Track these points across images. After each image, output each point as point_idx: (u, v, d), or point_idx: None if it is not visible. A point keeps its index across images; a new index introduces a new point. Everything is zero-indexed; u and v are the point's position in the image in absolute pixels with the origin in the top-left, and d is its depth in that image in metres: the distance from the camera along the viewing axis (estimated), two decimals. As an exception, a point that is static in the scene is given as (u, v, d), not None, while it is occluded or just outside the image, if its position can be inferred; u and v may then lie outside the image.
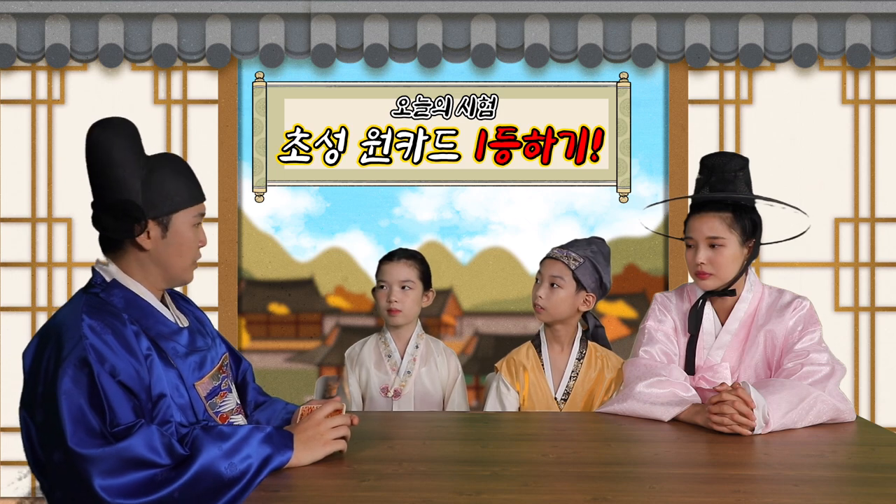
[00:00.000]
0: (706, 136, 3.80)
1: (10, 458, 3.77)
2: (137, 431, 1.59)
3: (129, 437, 1.58)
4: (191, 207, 1.81)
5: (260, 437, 1.67)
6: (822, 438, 2.01)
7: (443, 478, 1.63)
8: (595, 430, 2.08)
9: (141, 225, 1.75)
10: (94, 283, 1.79)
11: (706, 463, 1.76)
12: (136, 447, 1.57)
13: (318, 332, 3.83)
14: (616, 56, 3.65)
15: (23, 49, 3.63)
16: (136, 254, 1.79)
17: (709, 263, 2.27)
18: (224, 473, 1.60)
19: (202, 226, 1.87)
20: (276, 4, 3.63)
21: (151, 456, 1.58)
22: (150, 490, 1.56)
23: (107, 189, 1.76)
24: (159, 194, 1.77)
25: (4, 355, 3.77)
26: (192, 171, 1.86)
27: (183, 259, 1.82)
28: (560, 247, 2.58)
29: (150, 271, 1.80)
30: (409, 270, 2.63)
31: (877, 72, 3.79)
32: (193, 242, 1.83)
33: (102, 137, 1.75)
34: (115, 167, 1.75)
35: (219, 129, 3.77)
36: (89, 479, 1.54)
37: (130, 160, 1.76)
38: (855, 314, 3.81)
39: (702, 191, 2.33)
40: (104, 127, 1.76)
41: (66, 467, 1.56)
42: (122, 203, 1.74)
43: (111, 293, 1.77)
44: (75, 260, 3.80)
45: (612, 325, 3.81)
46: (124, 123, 1.79)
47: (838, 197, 3.82)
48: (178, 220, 1.80)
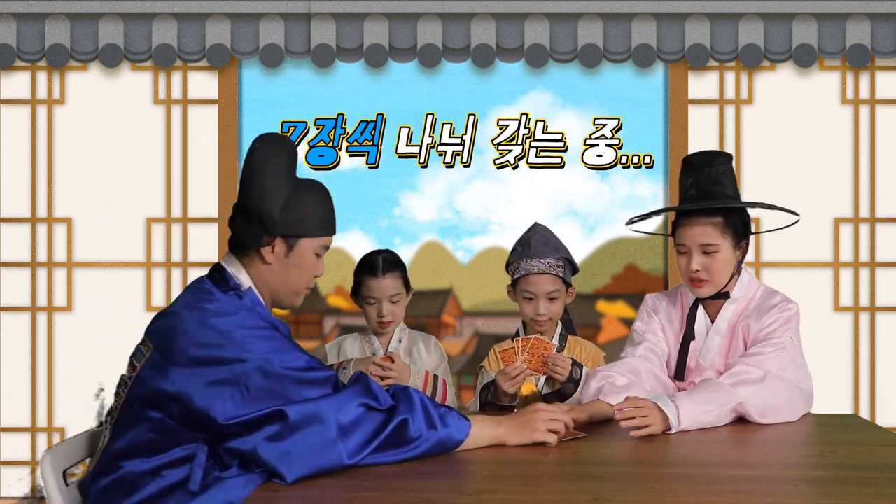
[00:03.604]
0: (706, 136, 3.80)
1: (10, 458, 3.77)
2: (357, 380, 1.75)
3: (350, 387, 1.73)
4: (320, 237, 1.89)
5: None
6: (822, 438, 2.02)
7: (443, 478, 1.63)
8: (595, 430, 2.08)
9: (269, 237, 1.83)
10: (230, 284, 1.84)
11: (706, 463, 1.76)
12: (357, 393, 1.71)
13: (318, 332, 3.83)
14: (616, 56, 3.65)
15: (23, 49, 3.63)
16: (259, 265, 1.86)
17: (704, 270, 2.23)
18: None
19: (323, 259, 1.94)
20: (276, 4, 3.63)
21: (370, 400, 1.71)
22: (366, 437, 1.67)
23: (250, 195, 1.85)
24: (295, 215, 1.84)
25: (4, 355, 3.77)
26: (331, 204, 1.93)
27: (297, 283, 1.90)
28: (531, 257, 2.54)
29: (266, 286, 1.88)
30: (396, 282, 2.62)
31: (877, 72, 3.79)
32: (312, 270, 1.91)
33: (262, 146, 1.86)
34: (265, 177, 1.83)
35: (219, 129, 3.77)
36: (331, 427, 1.64)
37: (280, 174, 1.84)
38: (855, 314, 3.81)
39: (689, 192, 2.28)
40: (268, 138, 1.88)
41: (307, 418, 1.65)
42: (259, 211, 1.82)
43: (250, 299, 1.84)
44: (75, 260, 3.80)
45: (612, 324, 3.81)
46: (286, 140, 1.91)
47: (838, 197, 3.81)
48: (305, 244, 1.87)
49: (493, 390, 2.42)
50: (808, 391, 2.23)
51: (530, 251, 2.54)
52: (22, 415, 3.77)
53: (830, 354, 3.74)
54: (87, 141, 3.80)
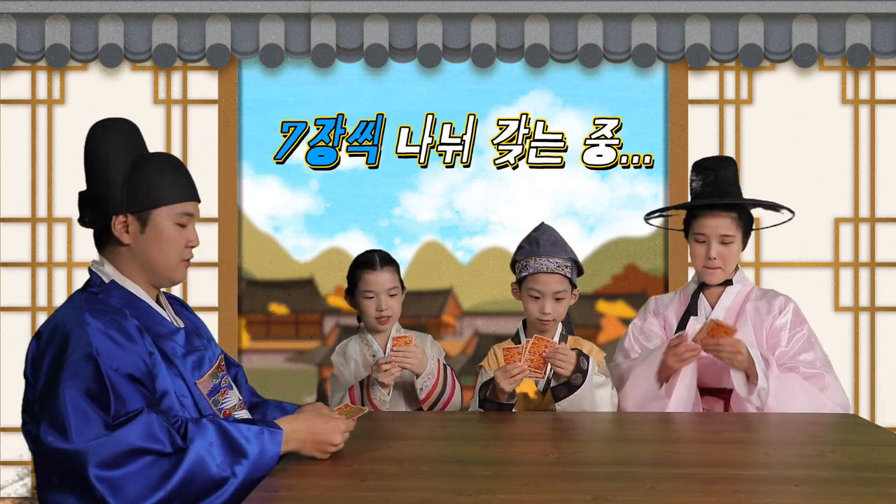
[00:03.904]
0: (706, 136, 3.80)
1: (10, 458, 3.77)
2: (137, 418, 1.60)
3: (128, 425, 1.58)
4: (173, 205, 1.82)
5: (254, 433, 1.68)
6: (822, 438, 2.02)
7: (443, 478, 1.63)
8: (595, 430, 2.08)
9: (109, 218, 1.79)
10: (93, 282, 1.81)
11: (706, 463, 1.76)
12: (131, 435, 1.57)
13: (318, 332, 3.83)
14: (616, 56, 3.65)
15: (23, 49, 3.63)
16: (121, 250, 1.82)
17: (720, 258, 2.49)
18: (213, 472, 1.61)
19: (193, 226, 1.87)
20: (276, 4, 3.63)
21: (148, 443, 1.58)
22: (147, 487, 1.56)
23: (91, 181, 1.82)
24: (141, 189, 1.79)
25: (4, 355, 3.77)
26: (181, 170, 1.87)
27: (165, 256, 1.83)
28: (540, 255, 2.53)
29: (136, 268, 1.82)
30: (393, 276, 2.65)
31: (877, 72, 3.79)
32: (176, 241, 1.83)
33: (95, 132, 1.83)
34: (99, 160, 1.80)
35: (219, 129, 3.77)
36: (85, 469, 1.54)
37: (115, 156, 1.80)
38: (855, 314, 3.81)
39: (705, 190, 2.55)
40: (100, 123, 1.84)
41: (64, 460, 1.57)
42: (99, 194, 1.79)
43: (109, 293, 1.79)
44: (75, 260, 3.80)
45: (612, 324, 3.81)
46: (120, 122, 1.85)
47: (838, 197, 3.81)
48: (159, 216, 1.81)
49: (491, 388, 2.42)
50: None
51: (539, 250, 2.53)
52: (22, 415, 3.77)
53: (830, 354, 3.72)
54: (87, 141, 3.80)
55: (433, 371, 2.53)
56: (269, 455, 1.67)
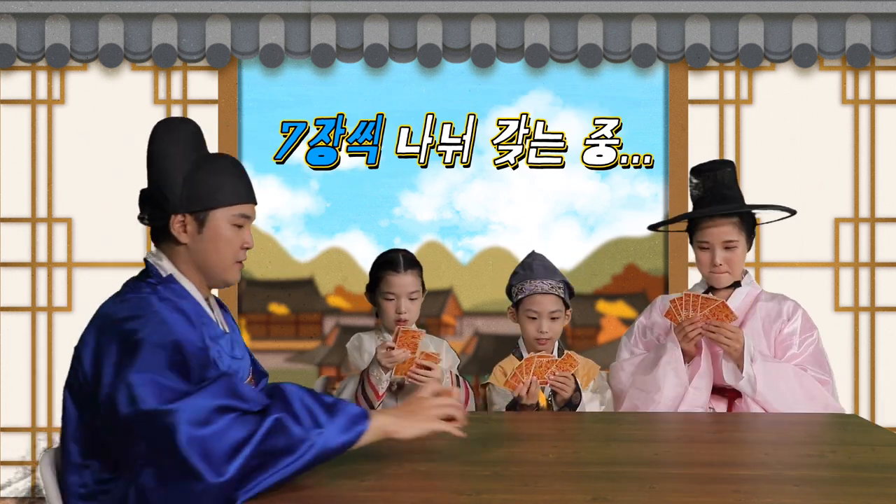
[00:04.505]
0: (706, 136, 3.80)
1: (10, 458, 3.77)
2: (220, 379, 1.59)
3: (213, 384, 1.57)
4: (231, 206, 1.84)
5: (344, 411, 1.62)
6: (822, 438, 2.02)
7: (443, 478, 1.63)
8: (595, 430, 2.08)
9: (169, 217, 1.80)
10: (151, 273, 1.82)
11: (706, 463, 1.76)
12: (217, 393, 1.55)
13: (318, 332, 3.83)
14: (616, 56, 3.65)
15: (23, 49, 3.63)
16: (178, 248, 1.83)
17: (725, 263, 2.53)
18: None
19: (249, 228, 1.89)
20: (276, 4, 3.63)
21: (234, 401, 1.55)
22: (232, 445, 1.51)
23: (151, 180, 1.84)
24: (201, 189, 1.81)
25: (4, 355, 3.77)
26: (240, 172, 1.89)
27: (220, 257, 1.84)
28: (535, 278, 2.67)
29: (192, 267, 1.84)
30: (416, 280, 2.68)
31: (877, 72, 3.79)
32: (232, 241, 1.85)
33: (155, 131, 1.84)
34: (160, 159, 1.82)
35: (219, 129, 3.77)
36: (175, 430, 1.48)
37: (176, 155, 1.82)
38: (855, 314, 3.81)
39: (706, 197, 2.56)
40: (162, 123, 1.86)
41: (151, 425, 1.51)
42: (160, 193, 1.81)
43: (169, 287, 1.80)
44: (75, 260, 3.80)
45: (612, 324, 3.81)
46: (182, 122, 1.88)
47: (838, 197, 3.81)
48: (216, 216, 1.83)
49: (518, 405, 2.52)
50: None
51: (533, 273, 2.69)
52: (22, 415, 3.77)
53: (830, 354, 3.71)
54: (87, 141, 3.80)
55: (448, 384, 2.55)
56: (354, 428, 1.60)
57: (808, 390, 2.42)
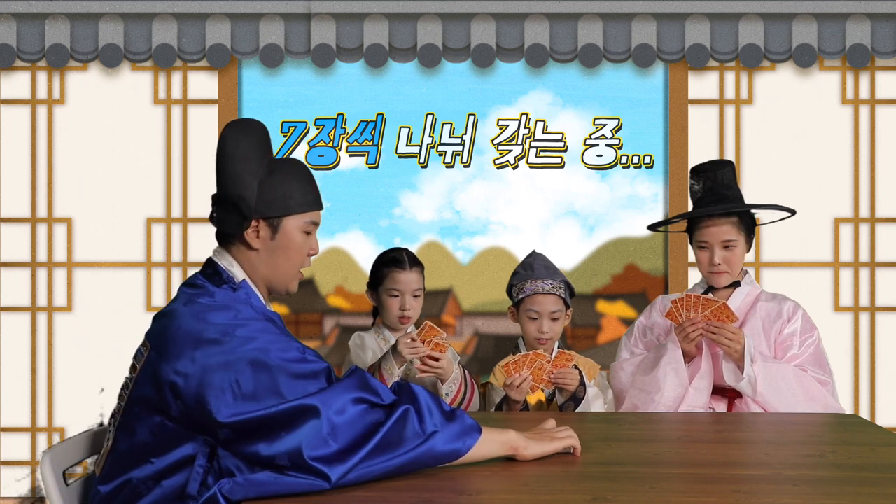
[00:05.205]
0: (706, 136, 3.80)
1: (10, 458, 3.77)
2: (353, 374, 1.64)
3: (346, 378, 1.62)
4: (303, 213, 1.83)
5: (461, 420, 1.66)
6: (822, 438, 2.02)
7: (443, 478, 1.63)
8: (595, 430, 2.08)
9: (250, 222, 1.79)
10: (224, 278, 1.79)
11: (706, 463, 1.76)
12: (352, 385, 1.60)
13: (318, 332, 3.83)
14: (616, 56, 3.65)
15: (23, 49, 3.63)
16: (247, 253, 1.82)
17: (724, 263, 2.53)
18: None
19: (315, 234, 1.89)
20: (276, 4, 3.63)
21: (366, 394, 1.60)
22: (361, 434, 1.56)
23: (225, 183, 1.81)
24: (274, 195, 1.80)
25: (4, 355, 3.77)
26: (311, 179, 1.88)
27: (290, 264, 1.84)
28: (536, 278, 2.67)
29: (259, 274, 1.83)
30: (419, 278, 2.73)
31: (877, 72, 3.79)
32: (302, 248, 1.85)
33: (230, 133, 1.82)
34: (236, 162, 1.80)
35: (219, 130, 3.77)
36: (318, 417, 1.54)
37: (251, 158, 1.80)
38: (855, 314, 3.81)
39: (705, 197, 2.56)
40: (235, 124, 1.84)
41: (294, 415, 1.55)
42: (235, 197, 1.79)
43: (244, 293, 1.79)
44: (75, 260, 3.80)
45: (612, 324, 3.81)
46: (254, 124, 1.85)
47: (838, 197, 3.81)
48: (289, 223, 1.82)
49: (505, 402, 2.54)
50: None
51: (534, 273, 2.68)
52: (22, 415, 3.77)
53: (830, 354, 3.71)
54: (87, 141, 3.80)
55: (458, 377, 2.57)
56: (465, 439, 1.63)
57: (808, 391, 2.42)
